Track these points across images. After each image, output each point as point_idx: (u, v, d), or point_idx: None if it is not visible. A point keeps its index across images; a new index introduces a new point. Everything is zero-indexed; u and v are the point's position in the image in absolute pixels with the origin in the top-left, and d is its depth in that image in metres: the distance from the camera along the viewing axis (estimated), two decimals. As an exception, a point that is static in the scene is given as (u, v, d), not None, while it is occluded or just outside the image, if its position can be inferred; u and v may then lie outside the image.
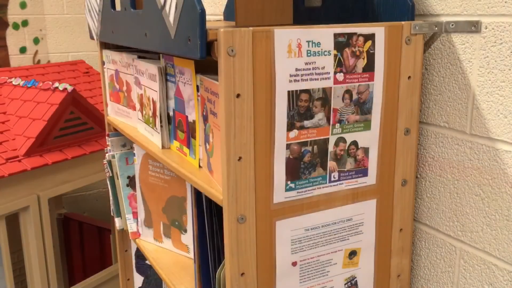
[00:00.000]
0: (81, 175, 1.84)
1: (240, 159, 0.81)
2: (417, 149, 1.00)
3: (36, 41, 2.33)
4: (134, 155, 1.31)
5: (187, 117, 1.01)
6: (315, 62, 0.83)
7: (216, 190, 0.87)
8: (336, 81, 0.86)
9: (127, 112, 1.34)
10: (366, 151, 0.92)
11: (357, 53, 0.86)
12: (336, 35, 0.84)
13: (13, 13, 2.24)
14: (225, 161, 0.80)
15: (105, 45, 1.42)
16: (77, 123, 1.79)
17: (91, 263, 2.24)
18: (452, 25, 0.92)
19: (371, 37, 0.87)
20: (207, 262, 1.01)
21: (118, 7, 1.18)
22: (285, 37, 0.80)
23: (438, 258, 1.04)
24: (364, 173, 0.93)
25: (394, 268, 1.02)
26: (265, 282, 0.89)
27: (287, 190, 0.87)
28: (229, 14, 1.48)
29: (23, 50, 2.30)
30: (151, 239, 1.34)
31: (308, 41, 0.82)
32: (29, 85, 1.81)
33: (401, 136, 0.95)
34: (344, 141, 0.90)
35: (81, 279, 2.13)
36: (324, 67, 0.84)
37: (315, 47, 0.83)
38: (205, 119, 0.93)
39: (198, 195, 0.98)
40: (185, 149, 1.04)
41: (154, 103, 1.11)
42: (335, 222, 0.93)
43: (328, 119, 0.87)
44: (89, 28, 1.40)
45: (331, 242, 0.93)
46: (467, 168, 0.95)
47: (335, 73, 0.85)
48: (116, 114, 1.41)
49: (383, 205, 0.97)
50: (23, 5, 2.26)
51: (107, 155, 1.41)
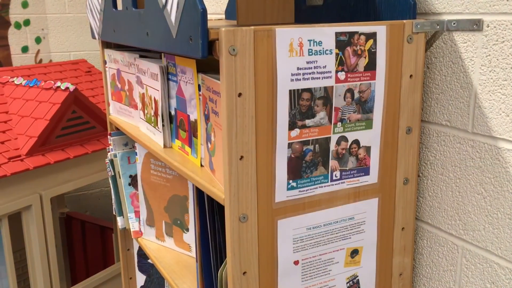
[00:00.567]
0: (83, 174, 1.85)
1: (241, 158, 0.81)
2: (419, 147, 1.00)
3: (38, 40, 2.34)
4: (136, 154, 1.31)
5: (188, 116, 1.02)
6: (316, 61, 0.83)
7: (218, 189, 0.87)
8: (337, 80, 0.86)
9: (129, 111, 1.35)
10: (367, 150, 0.92)
11: (359, 51, 0.86)
12: (337, 34, 0.84)
13: (15, 12, 2.25)
14: (227, 160, 0.80)
15: (106, 44, 1.42)
16: (79, 122, 1.80)
17: (93, 262, 2.24)
18: (454, 23, 0.91)
19: (372, 36, 0.87)
20: (209, 261, 1.01)
21: (119, 6, 1.18)
22: (287, 36, 0.80)
23: (440, 256, 1.04)
24: (365, 172, 0.93)
25: (396, 266, 1.02)
26: (267, 281, 0.89)
27: (289, 189, 0.87)
28: (231, 13, 1.48)
29: (25, 49, 2.30)
30: (153, 238, 1.34)
31: (309, 40, 0.82)
32: (31, 85, 1.81)
33: (403, 135, 0.95)
34: (345, 140, 0.90)
35: (83, 278, 2.13)
36: (325, 66, 0.84)
37: (316, 46, 0.82)
38: (207, 118, 0.93)
39: (200, 194, 0.98)
40: (187, 148, 1.04)
41: (155, 102, 1.11)
42: (337, 221, 0.93)
43: (329, 118, 0.87)
44: (91, 27, 1.40)
45: (333, 241, 0.93)
46: (469, 166, 0.95)
47: (337, 72, 0.85)
48: (118, 113, 1.41)
49: (385, 203, 0.97)
50: (25, 5, 2.26)
51: (109, 154, 1.41)
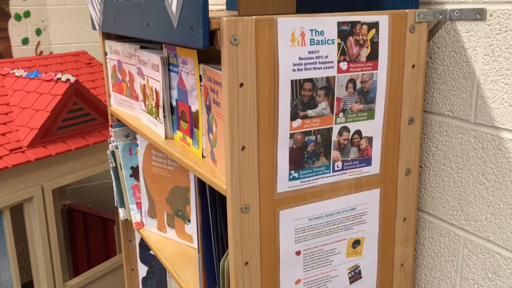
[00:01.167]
0: (84, 166, 1.84)
1: (243, 148, 0.81)
2: (421, 138, 1.00)
3: (38, 32, 2.33)
4: (137, 145, 1.31)
5: (190, 107, 1.01)
6: (318, 51, 0.83)
7: (219, 180, 0.87)
8: (339, 70, 0.85)
9: (130, 102, 1.34)
10: (369, 140, 0.92)
11: (361, 41, 0.86)
12: (339, 24, 0.83)
13: (15, 4, 2.24)
14: (229, 151, 0.80)
15: (107, 36, 1.41)
16: (80, 114, 1.79)
17: (95, 253, 2.25)
18: (456, 13, 0.91)
19: (375, 26, 0.86)
20: (211, 251, 1.01)
21: (120, -3, 1.17)
22: (288, 26, 0.79)
23: (442, 247, 1.04)
24: (367, 162, 0.93)
25: (397, 257, 1.02)
26: (269, 271, 0.89)
27: (290, 179, 0.86)
28: (232, 4, 1.47)
29: (25, 41, 2.30)
30: (155, 229, 1.35)
31: (311, 30, 0.81)
32: (32, 76, 1.81)
33: (405, 125, 0.95)
34: (347, 130, 0.89)
35: (86, 269, 2.14)
36: (327, 56, 0.83)
37: (318, 35, 0.82)
38: (208, 109, 0.93)
39: (201, 185, 0.98)
40: (188, 139, 1.04)
41: (157, 93, 1.11)
42: (338, 211, 0.93)
43: (331, 108, 0.87)
44: (91, 18, 1.39)
45: (334, 231, 0.93)
46: (471, 157, 0.95)
47: (339, 62, 0.85)
48: (119, 104, 1.41)
49: (386, 194, 0.97)
50: (25, -4, 2.26)
51: (110, 145, 1.41)
